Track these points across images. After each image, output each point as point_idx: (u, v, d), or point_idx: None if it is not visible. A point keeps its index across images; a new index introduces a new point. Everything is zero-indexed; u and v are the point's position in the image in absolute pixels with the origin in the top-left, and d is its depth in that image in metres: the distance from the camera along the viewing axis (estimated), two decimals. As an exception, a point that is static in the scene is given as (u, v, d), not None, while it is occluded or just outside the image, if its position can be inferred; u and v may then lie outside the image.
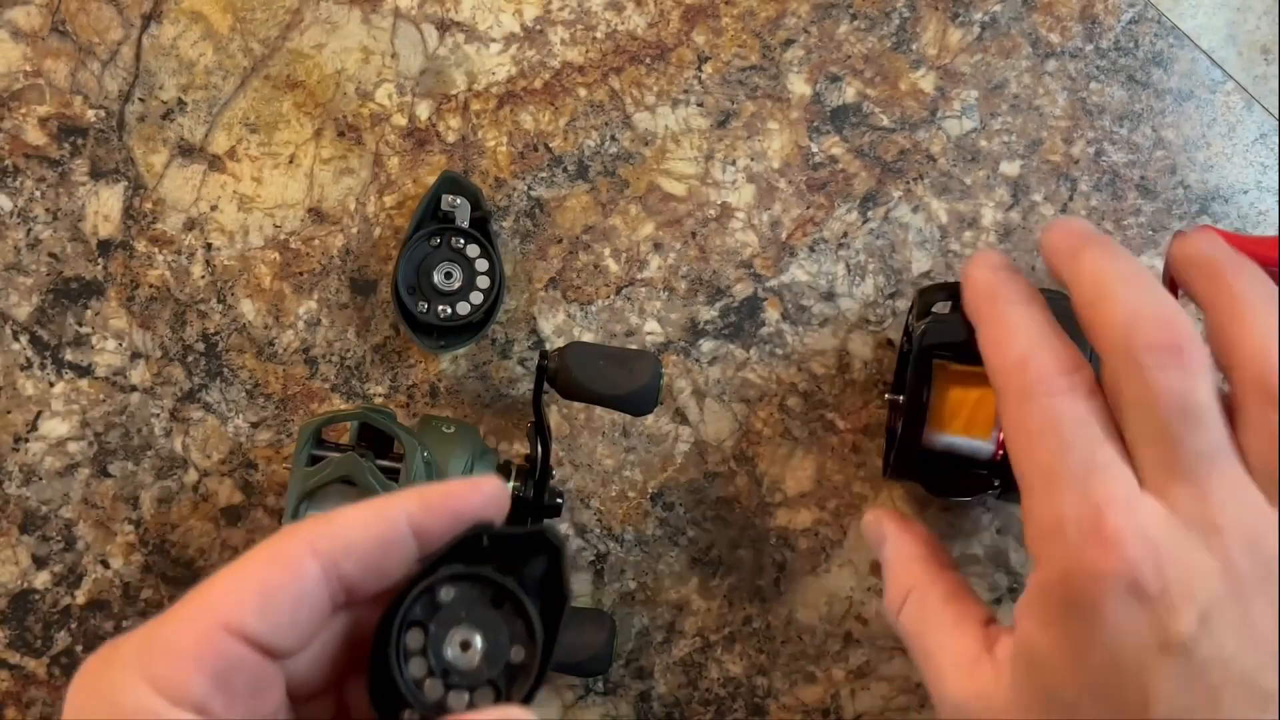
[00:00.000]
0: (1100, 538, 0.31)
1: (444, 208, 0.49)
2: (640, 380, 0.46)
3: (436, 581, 0.30)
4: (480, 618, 0.31)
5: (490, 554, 0.31)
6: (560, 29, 0.52)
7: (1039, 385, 0.33)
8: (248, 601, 0.29)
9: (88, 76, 0.52)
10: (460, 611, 0.31)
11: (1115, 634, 0.31)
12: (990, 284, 0.36)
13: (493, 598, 0.31)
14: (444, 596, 0.31)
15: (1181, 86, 0.52)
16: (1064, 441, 0.33)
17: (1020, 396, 0.34)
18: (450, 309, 0.49)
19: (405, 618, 0.30)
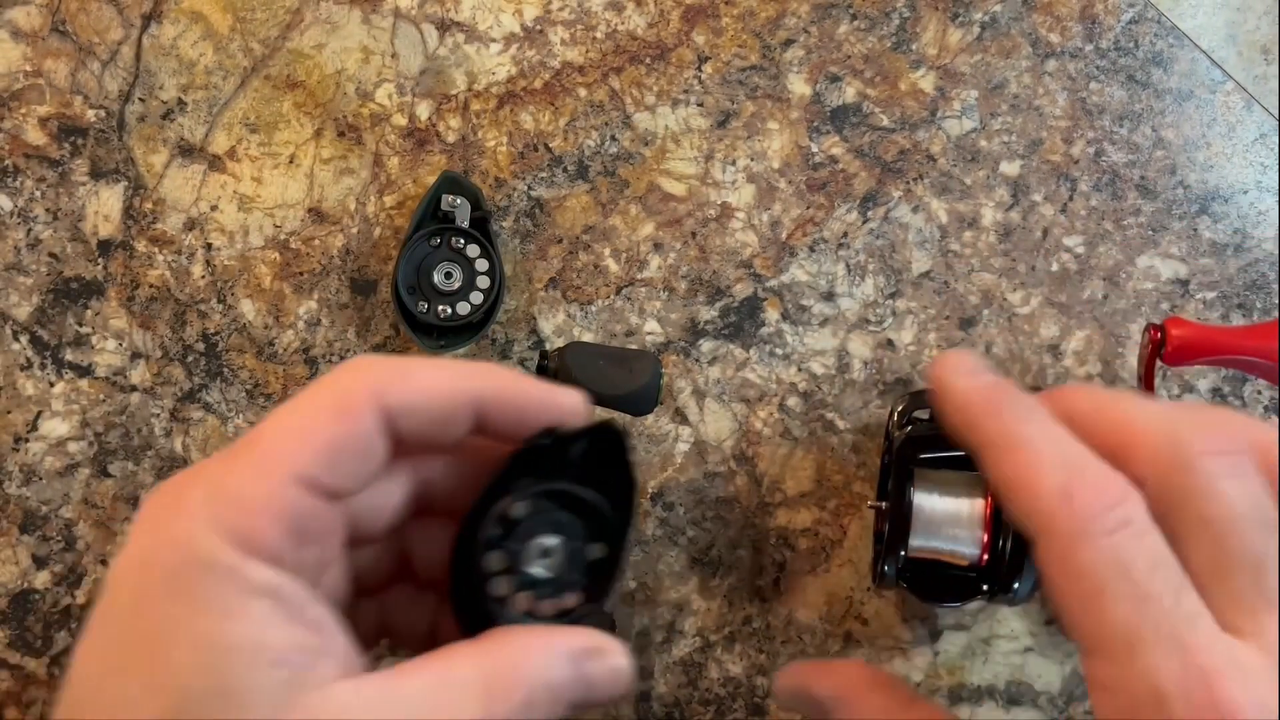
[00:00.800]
0: (1216, 712, 0.26)
1: (444, 208, 0.49)
2: (640, 380, 0.46)
3: (509, 501, 0.31)
4: (555, 524, 0.31)
5: (555, 456, 0.31)
6: (560, 29, 0.52)
7: (1094, 523, 0.28)
8: (315, 452, 0.28)
9: (88, 76, 0.52)
10: (535, 522, 0.31)
11: None
12: (985, 397, 0.30)
13: (564, 501, 0.31)
14: (517, 512, 0.31)
15: (1181, 86, 0.52)
16: (1143, 592, 0.27)
17: (1072, 539, 0.28)
18: (450, 309, 0.49)
19: (483, 541, 0.30)
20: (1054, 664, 0.52)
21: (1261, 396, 0.52)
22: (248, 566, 0.27)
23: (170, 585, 0.27)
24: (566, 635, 0.30)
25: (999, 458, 0.29)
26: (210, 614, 0.27)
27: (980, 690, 0.52)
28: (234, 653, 0.27)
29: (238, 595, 0.27)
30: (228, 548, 0.27)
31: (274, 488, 0.28)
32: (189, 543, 0.27)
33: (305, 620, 0.28)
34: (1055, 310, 0.52)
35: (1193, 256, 0.52)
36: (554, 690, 0.29)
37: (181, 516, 0.27)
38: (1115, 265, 0.52)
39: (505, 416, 0.31)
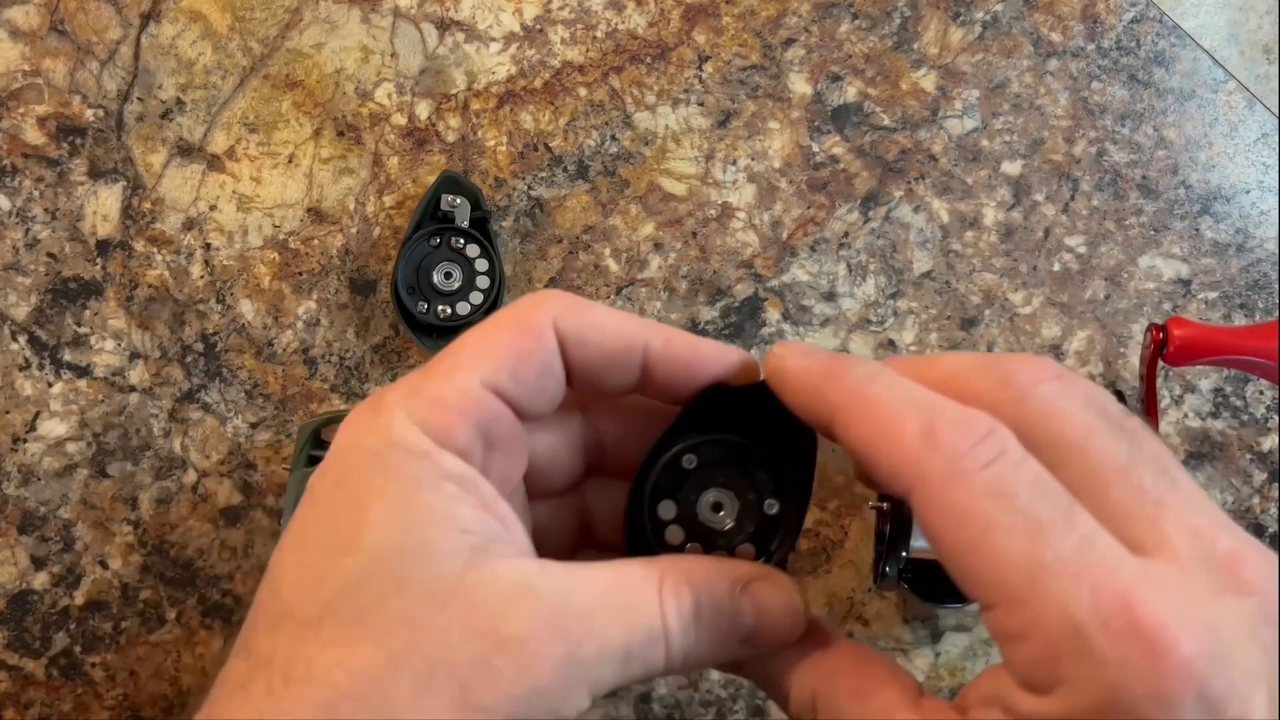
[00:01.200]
0: (1145, 640, 0.24)
1: (444, 208, 0.49)
2: None
3: (681, 451, 0.31)
4: (727, 478, 0.32)
5: (730, 410, 0.32)
6: (560, 28, 0.52)
7: (966, 460, 0.26)
8: (502, 362, 0.30)
9: (86, 76, 0.52)
10: (708, 474, 0.31)
11: None
12: (825, 369, 0.29)
13: (738, 455, 0.31)
14: (690, 462, 0.31)
15: (1183, 86, 0.52)
16: (1032, 519, 0.26)
17: (945, 481, 0.26)
18: (450, 309, 0.49)
19: (655, 490, 0.31)
20: (1056, 665, 0.51)
21: (1264, 397, 0.52)
22: (440, 454, 0.29)
23: (370, 464, 0.29)
24: (737, 563, 0.30)
25: (851, 419, 0.28)
26: (405, 484, 0.28)
27: (982, 691, 0.52)
28: (426, 515, 0.28)
29: (431, 474, 0.29)
30: (423, 436, 0.29)
31: (463, 388, 0.29)
32: (387, 431, 0.29)
33: (491, 510, 0.29)
34: (1057, 310, 0.52)
35: (1195, 256, 0.52)
36: (721, 607, 0.29)
37: (380, 414, 0.29)
38: (1117, 265, 0.52)
39: (673, 368, 0.31)
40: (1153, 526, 0.26)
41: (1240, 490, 0.52)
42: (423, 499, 0.28)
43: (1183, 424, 0.52)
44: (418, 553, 0.28)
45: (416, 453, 0.29)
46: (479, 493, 0.29)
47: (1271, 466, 0.52)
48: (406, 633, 0.27)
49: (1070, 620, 0.25)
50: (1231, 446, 0.52)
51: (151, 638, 0.52)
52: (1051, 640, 0.25)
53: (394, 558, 0.28)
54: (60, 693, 0.51)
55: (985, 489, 0.26)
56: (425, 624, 0.27)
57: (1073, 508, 0.26)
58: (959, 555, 0.27)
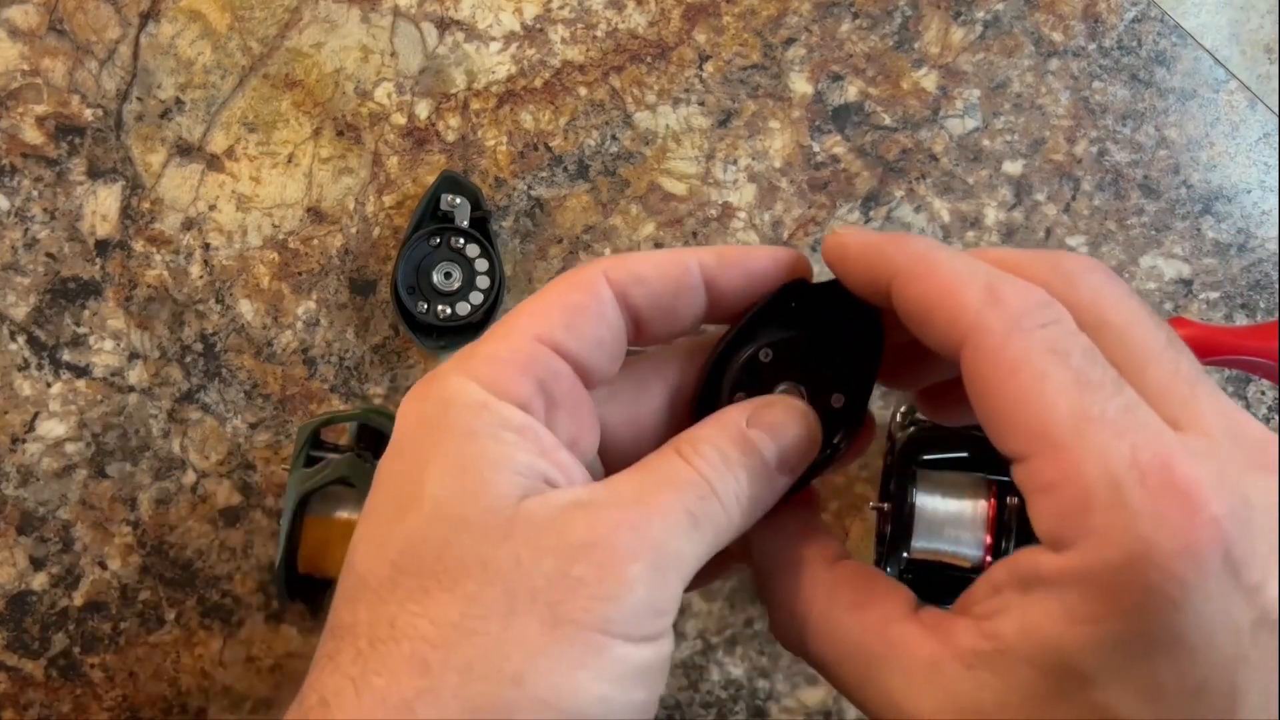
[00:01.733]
0: (1182, 496, 0.25)
1: (444, 208, 0.49)
2: None
3: (758, 348, 0.33)
4: (798, 374, 0.33)
5: (795, 308, 0.33)
6: (560, 28, 0.52)
7: (1026, 318, 0.27)
8: (555, 318, 0.30)
9: (85, 75, 0.51)
10: (776, 369, 0.33)
11: (1208, 619, 0.25)
12: (887, 238, 0.30)
13: (803, 353, 0.33)
14: (763, 357, 0.33)
15: (1184, 85, 0.52)
16: (1084, 378, 0.26)
17: (1005, 335, 0.27)
18: (450, 309, 0.49)
19: (729, 384, 0.32)
20: (1057, 666, 0.51)
21: (1265, 397, 0.52)
22: (498, 404, 0.29)
23: (426, 426, 0.29)
24: (736, 406, 0.31)
25: (912, 282, 0.28)
26: (461, 435, 0.28)
27: (983, 692, 0.51)
28: (481, 459, 0.28)
29: (488, 423, 0.29)
30: (479, 389, 0.29)
31: (516, 345, 0.29)
32: (442, 391, 0.29)
33: (552, 458, 0.29)
34: (1058, 310, 0.52)
35: (1196, 256, 0.52)
36: (740, 445, 0.30)
37: (435, 380, 0.29)
38: (1118, 265, 0.52)
39: (733, 277, 0.32)
40: (1187, 406, 0.26)
41: (1242, 491, 0.52)
42: (478, 445, 0.28)
43: (1184, 424, 0.52)
44: (474, 493, 0.27)
45: (473, 405, 0.29)
46: (539, 441, 0.29)
47: None
48: (478, 569, 0.27)
49: (1109, 472, 0.25)
50: (1233, 447, 0.52)
51: (151, 638, 0.52)
52: (1087, 490, 0.25)
53: (450, 503, 0.28)
54: (59, 693, 0.51)
55: (1042, 345, 0.26)
56: (491, 557, 0.27)
57: (1120, 379, 0.27)
58: (1006, 403, 0.27)
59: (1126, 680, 0.25)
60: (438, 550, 0.27)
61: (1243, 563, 0.25)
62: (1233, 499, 0.25)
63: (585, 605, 0.26)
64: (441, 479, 0.28)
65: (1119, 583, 0.25)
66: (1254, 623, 0.25)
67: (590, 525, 0.27)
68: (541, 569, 0.26)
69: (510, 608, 0.26)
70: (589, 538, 0.27)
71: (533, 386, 0.29)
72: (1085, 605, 0.26)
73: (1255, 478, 0.26)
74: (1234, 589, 0.25)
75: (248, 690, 0.52)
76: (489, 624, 0.26)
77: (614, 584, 0.27)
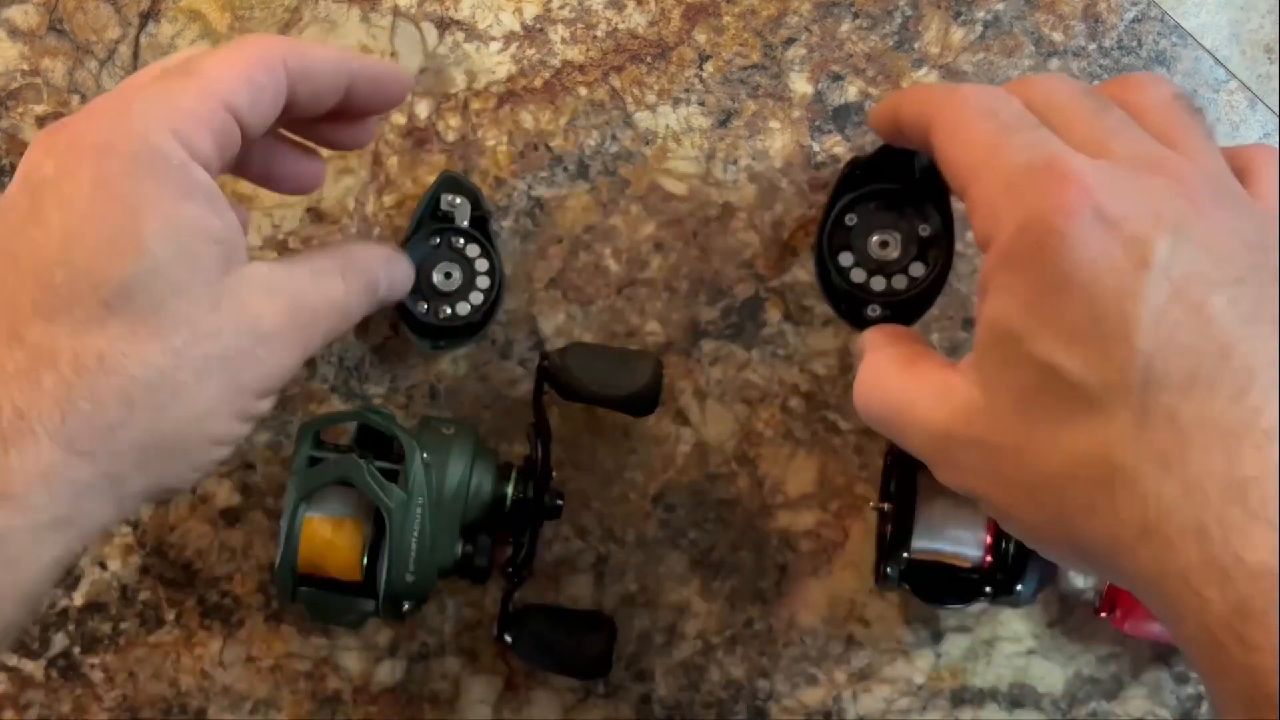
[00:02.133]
0: (1056, 175, 0.32)
1: (444, 208, 0.49)
2: (641, 381, 0.46)
3: (841, 211, 0.45)
4: (886, 221, 0.44)
5: (869, 175, 0.45)
6: (560, 28, 0.52)
7: (972, 100, 0.36)
8: (242, 91, 0.35)
9: (85, 76, 0.51)
10: (868, 224, 0.45)
11: (1089, 262, 0.30)
12: (891, 102, 0.41)
13: (887, 203, 0.44)
14: (849, 221, 0.45)
15: (1184, 85, 0.52)
16: (1006, 124, 0.35)
17: (954, 110, 0.36)
18: (450, 309, 0.48)
19: (832, 246, 0.45)
20: (1057, 666, 0.51)
21: (1265, 397, 0.52)
22: (193, 167, 0.34)
23: (134, 168, 0.33)
24: (381, 247, 0.45)
25: (930, 120, 0.38)
26: (171, 195, 0.33)
27: (983, 692, 0.51)
28: (189, 227, 0.34)
29: (187, 186, 0.34)
30: (178, 147, 0.34)
31: (213, 107, 0.35)
32: (145, 136, 0.33)
33: (225, 216, 0.35)
34: (1058, 310, 0.52)
35: (1196, 256, 0.52)
36: (381, 282, 0.43)
37: (134, 117, 0.34)
38: (1118, 265, 0.52)
39: (367, 89, 0.40)
40: (1104, 146, 0.33)
41: (1242, 491, 0.52)
42: (186, 213, 0.34)
43: (1184, 424, 0.52)
44: (189, 261, 0.34)
45: (174, 162, 0.34)
46: (220, 204, 0.35)
47: None
48: (188, 330, 0.33)
49: (1010, 177, 0.33)
50: (1233, 447, 0.52)
51: (151, 639, 0.52)
52: (997, 193, 0.33)
53: (169, 265, 0.33)
54: (59, 694, 0.51)
55: (977, 111, 0.36)
56: (201, 323, 0.34)
57: (1041, 127, 0.34)
58: (952, 152, 0.36)
59: (1044, 327, 0.31)
60: (154, 304, 0.33)
61: (1118, 219, 0.31)
62: (1105, 176, 0.32)
63: (258, 376, 0.36)
64: (160, 237, 0.33)
65: (1019, 249, 0.32)
66: (1134, 264, 0.30)
67: (278, 318, 0.36)
68: (236, 344, 0.35)
69: (205, 367, 0.34)
70: (275, 328, 0.36)
71: (214, 146, 0.35)
72: (1005, 278, 0.32)
73: (1140, 175, 0.32)
74: (1111, 238, 0.31)
75: (248, 690, 0.52)
76: (185, 376, 0.33)
77: (279, 365, 0.36)
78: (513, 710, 0.51)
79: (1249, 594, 0.28)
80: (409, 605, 0.45)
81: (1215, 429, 0.29)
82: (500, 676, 0.52)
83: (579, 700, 0.51)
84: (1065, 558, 0.34)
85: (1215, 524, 0.28)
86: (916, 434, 0.36)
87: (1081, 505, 0.31)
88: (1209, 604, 0.28)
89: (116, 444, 0.32)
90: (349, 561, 0.44)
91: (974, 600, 0.46)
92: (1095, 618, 0.51)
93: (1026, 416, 0.32)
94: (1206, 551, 0.28)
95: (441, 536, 0.45)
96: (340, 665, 0.52)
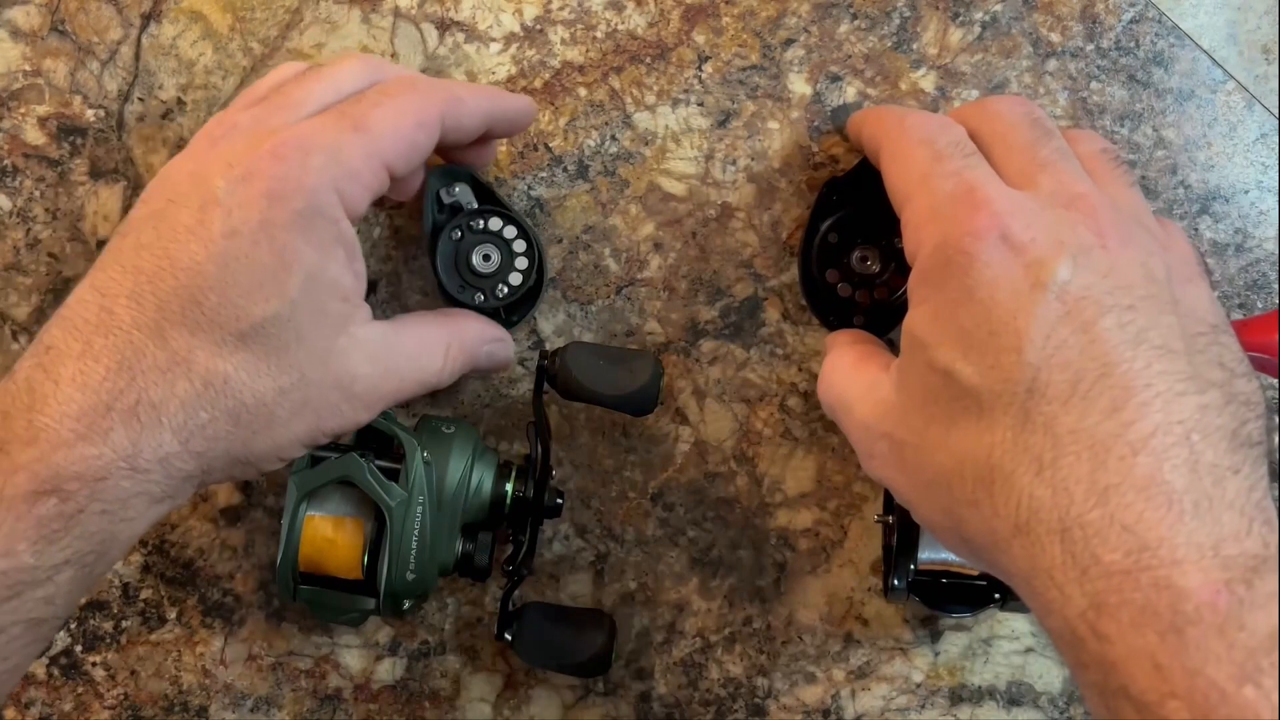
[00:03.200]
0: (972, 202, 0.35)
1: (447, 200, 0.49)
2: (640, 380, 0.46)
3: (824, 232, 0.48)
4: (865, 236, 0.48)
5: (842, 196, 0.48)
6: (560, 29, 0.52)
7: (913, 129, 0.40)
8: (404, 152, 0.40)
9: (87, 76, 0.52)
10: (849, 241, 0.48)
11: (990, 280, 0.34)
12: (857, 119, 0.47)
13: (862, 220, 0.48)
14: (831, 239, 0.48)
15: (1182, 86, 0.52)
16: (940, 151, 0.38)
17: (897, 137, 0.40)
18: (505, 286, 0.49)
19: (819, 264, 0.49)
20: (1055, 664, 0.52)
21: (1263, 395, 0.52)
22: (343, 222, 0.39)
23: (296, 220, 0.37)
24: (492, 327, 0.48)
25: (879, 141, 0.42)
26: (320, 252, 0.38)
27: (981, 691, 0.52)
28: (327, 283, 0.39)
29: (333, 240, 0.39)
30: (338, 204, 0.38)
31: (375, 167, 0.39)
32: (315, 193, 0.37)
33: (357, 270, 0.40)
34: (1056, 310, 0.52)
35: (1194, 256, 0.52)
36: (483, 357, 0.47)
37: (309, 172, 0.37)
38: (1116, 265, 0.52)
39: (503, 123, 0.45)
40: (1032, 178, 0.37)
41: (1239, 490, 0.52)
42: (329, 269, 0.38)
43: (1182, 424, 0.52)
44: (317, 315, 0.38)
45: (329, 218, 0.38)
46: (356, 258, 0.40)
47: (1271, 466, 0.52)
48: (297, 375, 0.38)
49: (934, 200, 0.37)
50: (1230, 446, 0.52)
51: (152, 637, 0.52)
52: (923, 216, 0.37)
53: (301, 314, 0.38)
54: (60, 692, 0.51)
55: (918, 139, 0.39)
56: (309, 373, 0.38)
57: (971, 155, 0.38)
58: (892, 176, 0.40)
59: (946, 337, 0.35)
60: (280, 347, 0.38)
61: (1023, 243, 0.34)
62: (1016, 204, 0.35)
63: (335, 426, 0.41)
64: (301, 288, 0.38)
65: (932, 267, 0.36)
66: (1031, 285, 0.33)
67: (369, 382, 0.41)
68: (330, 397, 0.40)
69: (300, 409, 0.39)
70: (363, 391, 0.41)
71: (369, 203, 0.40)
72: (921, 292, 0.36)
73: (1053, 209, 0.35)
74: (1014, 260, 0.34)
75: (249, 688, 0.52)
76: (282, 412, 0.38)
77: (355, 420, 0.41)
78: (512, 708, 0.52)
79: (1103, 590, 0.30)
80: (409, 603, 0.45)
81: (1087, 439, 0.31)
82: (500, 675, 0.52)
83: (578, 698, 0.52)
84: (958, 549, 0.37)
85: (1077, 525, 0.31)
86: (850, 425, 0.40)
87: (967, 500, 0.34)
88: (1070, 599, 0.30)
89: (217, 450, 0.37)
90: (350, 560, 0.44)
91: (984, 608, 0.46)
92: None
93: (926, 416, 0.35)
94: (1069, 550, 0.31)
95: (442, 535, 0.45)
96: (341, 663, 0.52)
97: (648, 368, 0.46)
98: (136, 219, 0.38)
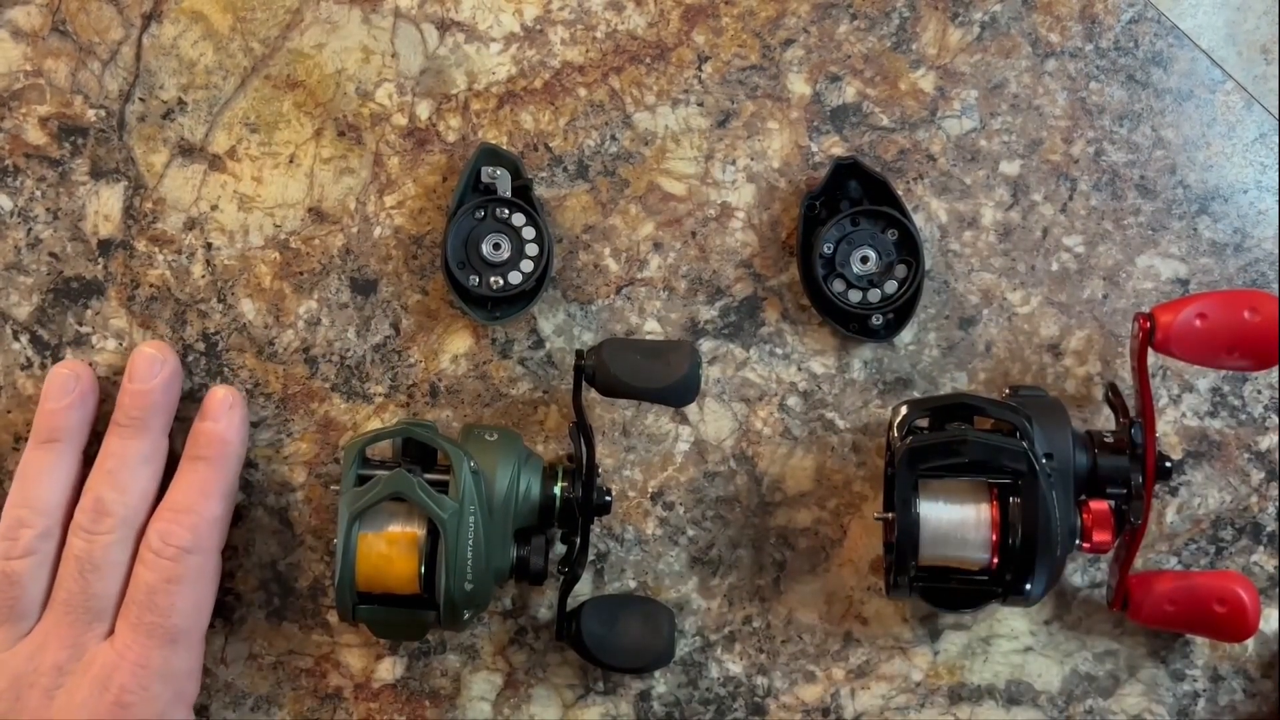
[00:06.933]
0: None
1: (484, 180, 0.49)
2: (680, 371, 0.46)
3: (823, 244, 0.49)
4: (858, 239, 0.50)
5: (831, 193, 0.50)
6: (560, 29, 0.52)
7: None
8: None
9: (88, 76, 0.52)
10: (845, 246, 0.50)
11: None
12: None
13: (852, 222, 0.50)
14: (827, 250, 0.50)
15: (1181, 86, 0.52)
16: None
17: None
18: (502, 279, 0.49)
19: (824, 273, 0.50)
20: (1054, 663, 0.52)
21: (1262, 396, 0.52)
22: None
23: None
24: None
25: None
26: None
27: (980, 690, 0.52)
28: None
29: None
30: None
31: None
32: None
33: None
34: (1055, 310, 0.52)
35: (1192, 256, 0.52)
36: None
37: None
38: (1115, 265, 0.52)
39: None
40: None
41: (1238, 489, 0.52)
42: None
43: (1180, 423, 0.52)
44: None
45: None
46: None
47: (1270, 465, 0.52)
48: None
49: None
50: (1229, 446, 0.52)
51: (153, 636, 0.52)
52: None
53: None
54: (62, 691, 0.51)
55: None
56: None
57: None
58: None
59: None
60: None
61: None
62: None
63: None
64: None
65: None
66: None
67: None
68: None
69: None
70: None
71: None
72: None
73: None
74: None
75: (249, 687, 0.52)
76: None
77: None
78: (512, 707, 0.52)
79: None
80: (469, 613, 0.45)
81: None
82: (500, 674, 0.52)
83: (578, 698, 0.52)
84: None
85: None
86: None
87: None
88: None
89: None
90: (407, 574, 0.44)
91: (987, 603, 0.46)
92: (1092, 615, 0.51)
93: None
94: None
95: (496, 542, 0.45)
96: (341, 662, 0.52)
97: (685, 358, 0.46)
98: None
